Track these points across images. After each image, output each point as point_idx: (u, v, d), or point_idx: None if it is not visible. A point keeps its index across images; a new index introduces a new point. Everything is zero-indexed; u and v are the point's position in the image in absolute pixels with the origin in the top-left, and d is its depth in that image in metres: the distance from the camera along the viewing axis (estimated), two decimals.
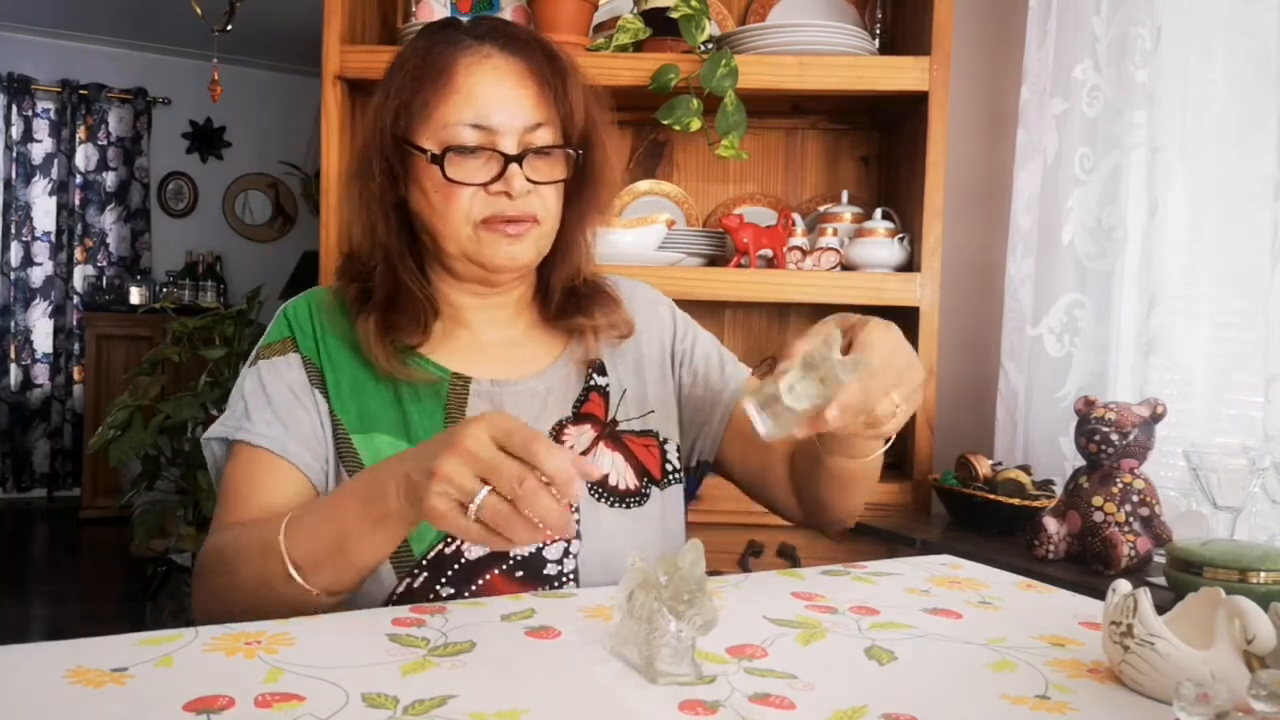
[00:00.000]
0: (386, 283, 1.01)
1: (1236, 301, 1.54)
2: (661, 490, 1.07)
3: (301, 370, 0.99)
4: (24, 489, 5.41)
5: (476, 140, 0.95)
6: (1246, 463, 1.28)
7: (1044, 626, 0.81)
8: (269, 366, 0.99)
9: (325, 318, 1.03)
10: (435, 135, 0.96)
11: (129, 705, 0.59)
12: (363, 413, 0.98)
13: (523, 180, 0.96)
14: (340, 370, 1.00)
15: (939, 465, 1.95)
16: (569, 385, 1.06)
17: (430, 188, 0.97)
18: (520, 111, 0.96)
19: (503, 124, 0.95)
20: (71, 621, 3.49)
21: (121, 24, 5.21)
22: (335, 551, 0.80)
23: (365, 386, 1.00)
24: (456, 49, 0.97)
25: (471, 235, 0.97)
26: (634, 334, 1.10)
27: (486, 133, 0.95)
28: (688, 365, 1.13)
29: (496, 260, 0.98)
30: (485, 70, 0.96)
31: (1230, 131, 1.55)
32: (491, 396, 1.02)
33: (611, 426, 1.06)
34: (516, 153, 0.96)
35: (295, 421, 0.96)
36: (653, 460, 1.07)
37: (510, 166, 0.95)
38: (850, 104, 2.18)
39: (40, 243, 5.43)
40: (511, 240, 0.97)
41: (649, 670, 0.65)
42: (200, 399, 2.98)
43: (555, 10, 1.96)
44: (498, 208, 0.96)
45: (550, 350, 1.08)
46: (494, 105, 0.95)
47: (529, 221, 0.98)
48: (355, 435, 0.98)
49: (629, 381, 1.10)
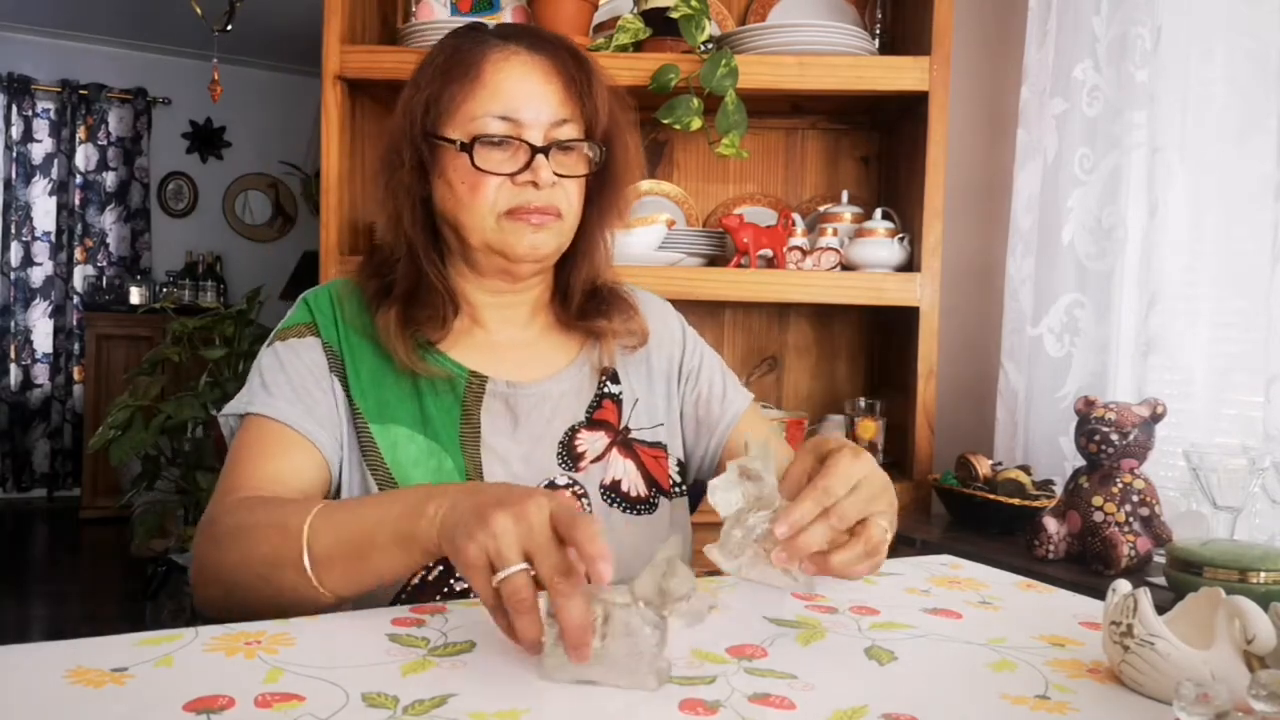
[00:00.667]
0: (409, 276, 1.02)
1: (1237, 301, 1.55)
2: (670, 501, 1.08)
3: (321, 354, 1.00)
4: (24, 489, 5.41)
5: (504, 132, 0.97)
6: (1246, 463, 1.28)
7: (1044, 626, 0.81)
8: (287, 347, 1.00)
9: (346, 308, 1.04)
10: (463, 127, 0.98)
11: (129, 705, 0.59)
12: (381, 404, 0.99)
13: (549, 171, 0.97)
14: (360, 360, 1.01)
15: (939, 465, 1.95)
16: (583, 390, 1.07)
17: (457, 179, 0.98)
18: (546, 107, 0.98)
19: (530, 118, 0.97)
20: (71, 621, 3.49)
21: (121, 24, 5.21)
22: (355, 553, 0.78)
23: (385, 378, 1.01)
24: (484, 47, 1.00)
25: (495, 226, 0.98)
26: (647, 344, 1.11)
27: (514, 125, 0.97)
28: (692, 384, 1.14)
29: (519, 249, 0.98)
30: (513, 66, 0.98)
31: (1230, 131, 1.55)
32: (507, 398, 1.02)
33: (624, 434, 1.07)
34: (543, 145, 0.97)
35: (314, 402, 0.97)
36: (660, 472, 1.08)
37: (537, 157, 0.97)
38: (850, 104, 2.18)
39: (40, 243, 5.43)
40: (535, 229, 0.98)
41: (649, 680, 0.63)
42: (200, 399, 2.98)
43: (555, 10, 1.96)
44: (524, 198, 0.97)
45: (566, 353, 1.09)
46: (521, 99, 0.97)
47: (552, 214, 0.99)
48: (374, 425, 0.98)
49: (640, 391, 1.11)
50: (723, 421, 1.13)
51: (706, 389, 1.14)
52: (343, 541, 0.78)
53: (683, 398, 1.14)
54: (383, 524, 0.76)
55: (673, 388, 1.14)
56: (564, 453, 1.03)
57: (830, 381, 2.36)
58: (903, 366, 2.06)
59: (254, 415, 0.96)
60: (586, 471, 1.03)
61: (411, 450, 0.98)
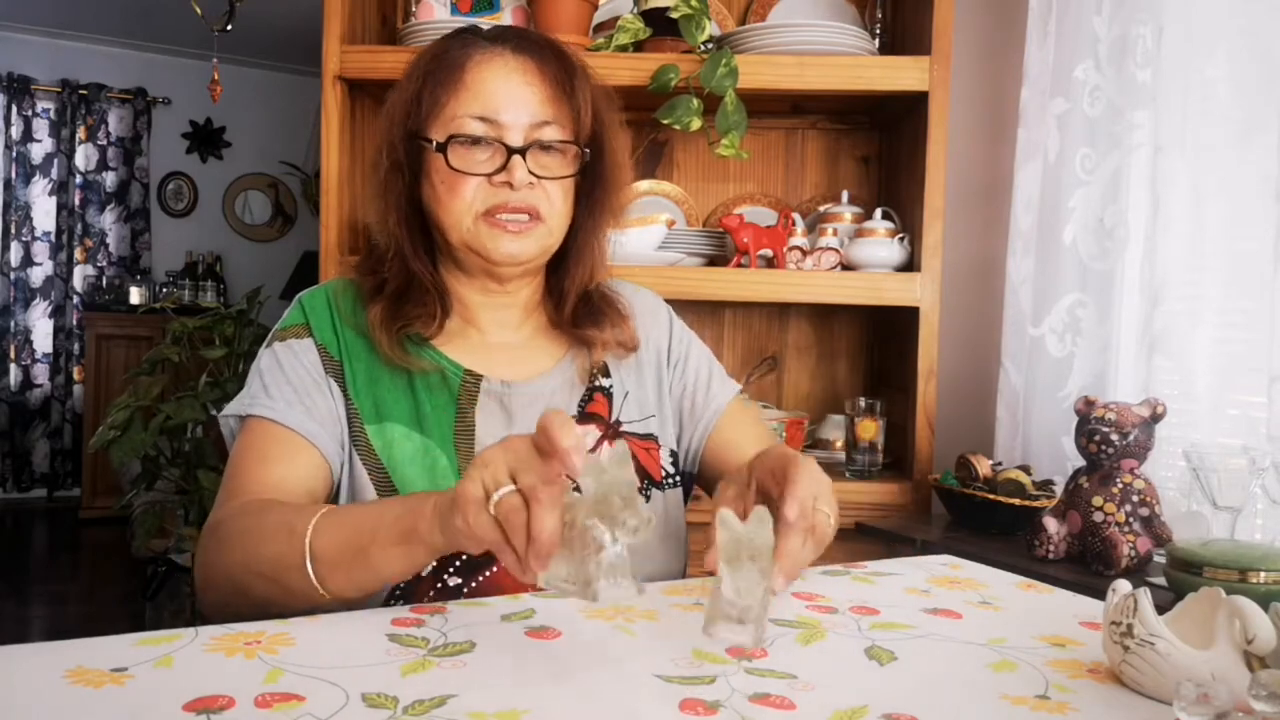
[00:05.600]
0: (400, 273, 1.03)
1: (1240, 301, 1.54)
2: (662, 493, 1.09)
3: (317, 356, 1.01)
4: (24, 489, 5.41)
5: (482, 133, 0.98)
6: (1246, 463, 1.28)
7: (1044, 626, 0.81)
8: (285, 348, 1.01)
9: (342, 307, 1.05)
10: (444, 128, 0.99)
11: (129, 705, 0.59)
12: (377, 402, 1.00)
13: (524, 172, 0.97)
14: (356, 359, 1.02)
15: (939, 465, 1.95)
16: (574, 385, 1.08)
17: (437, 179, 0.99)
18: (527, 108, 0.99)
19: (510, 119, 0.98)
20: (71, 621, 3.49)
21: (121, 24, 5.21)
22: (357, 554, 0.78)
23: (380, 377, 1.02)
24: (470, 48, 1.01)
25: (472, 227, 0.99)
26: (636, 350, 1.12)
27: (493, 126, 0.98)
28: (679, 374, 1.16)
29: (497, 254, 0.99)
30: (495, 67, 0.99)
31: (1233, 131, 1.55)
32: (501, 396, 1.04)
33: (615, 428, 1.08)
34: (520, 146, 0.98)
35: (313, 403, 0.98)
36: (652, 464, 1.09)
37: (513, 158, 0.97)
38: (850, 104, 2.18)
39: (40, 243, 5.43)
40: (513, 237, 0.99)
41: (586, 590, 0.64)
42: (200, 399, 2.98)
43: (555, 10, 1.96)
44: (499, 199, 0.98)
45: (555, 354, 1.10)
46: (501, 100, 0.98)
47: (531, 217, 0.99)
48: (370, 425, 0.99)
49: (630, 384, 1.12)
50: (708, 411, 1.14)
51: (693, 379, 1.15)
52: (345, 543, 0.79)
53: (670, 385, 1.15)
54: (384, 522, 0.77)
55: (663, 375, 1.15)
56: None
57: (830, 381, 2.36)
58: (903, 366, 2.06)
59: (255, 418, 0.96)
60: None
61: (407, 448, 0.99)
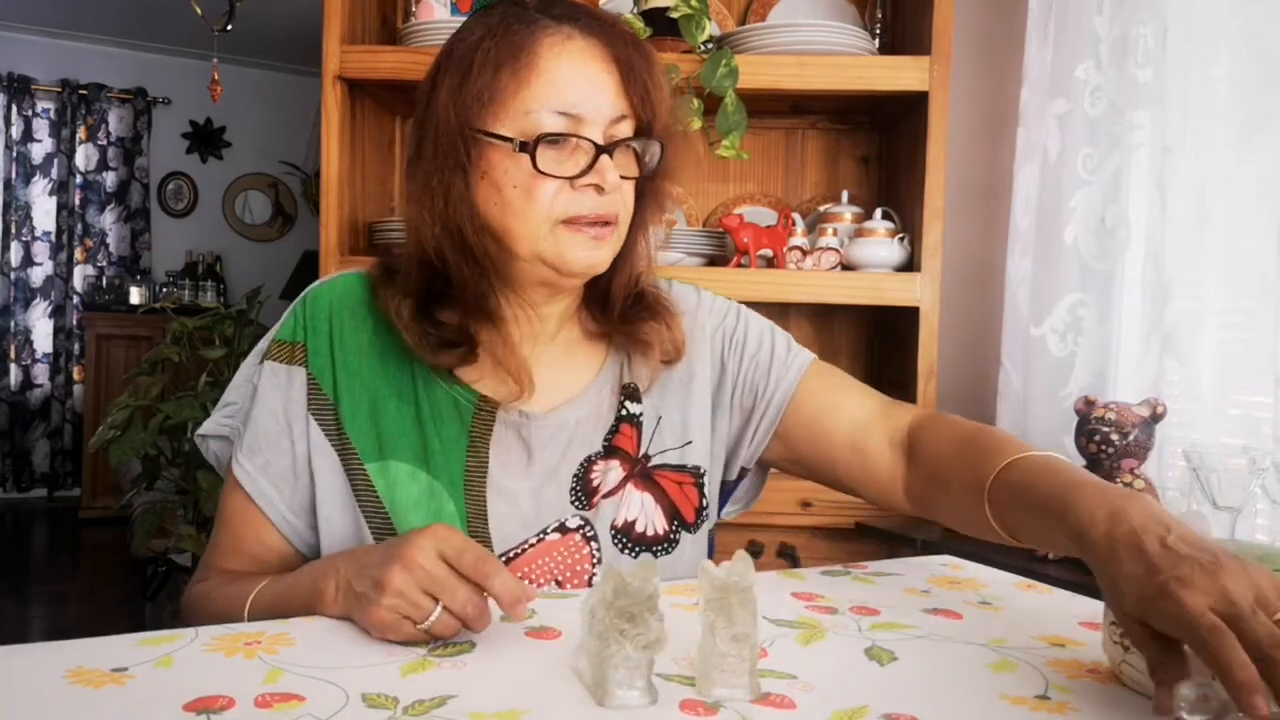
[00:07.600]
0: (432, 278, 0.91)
1: (1243, 301, 1.54)
2: (693, 534, 0.98)
3: (303, 391, 0.92)
4: (24, 489, 5.41)
5: (564, 129, 0.85)
6: (1247, 463, 1.28)
7: (1044, 627, 0.81)
8: (271, 374, 0.93)
9: (347, 320, 0.94)
10: (516, 123, 0.85)
11: (129, 705, 0.59)
12: (381, 436, 0.91)
13: (615, 174, 0.86)
14: (358, 386, 0.92)
15: None
16: (601, 414, 0.96)
17: (507, 181, 0.85)
18: (605, 100, 0.86)
19: (590, 113, 0.85)
20: (71, 621, 3.49)
21: (121, 24, 5.21)
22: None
23: (385, 405, 0.92)
24: (534, 28, 0.86)
25: (550, 235, 0.86)
26: (682, 357, 0.98)
27: (574, 121, 0.85)
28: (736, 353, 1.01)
29: (574, 265, 0.87)
30: (570, 52, 0.86)
31: (1234, 131, 1.55)
32: (519, 428, 0.93)
33: (643, 464, 0.97)
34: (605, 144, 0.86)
35: (276, 455, 0.92)
36: (686, 502, 0.97)
37: (601, 158, 0.85)
38: (850, 104, 2.18)
39: (40, 243, 5.43)
40: (595, 245, 0.87)
41: (598, 691, 0.62)
42: (200, 399, 2.98)
43: None
44: (584, 204, 0.86)
45: (588, 369, 0.98)
46: (580, 91, 0.85)
47: (610, 222, 0.88)
48: (370, 464, 0.90)
49: (665, 406, 0.98)
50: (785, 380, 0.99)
51: (755, 347, 1.01)
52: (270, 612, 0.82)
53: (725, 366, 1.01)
54: (295, 597, 0.81)
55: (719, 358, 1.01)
56: (578, 487, 0.94)
57: None
58: (903, 366, 2.06)
59: (235, 478, 0.93)
60: (598, 509, 0.93)
61: (412, 491, 0.90)
